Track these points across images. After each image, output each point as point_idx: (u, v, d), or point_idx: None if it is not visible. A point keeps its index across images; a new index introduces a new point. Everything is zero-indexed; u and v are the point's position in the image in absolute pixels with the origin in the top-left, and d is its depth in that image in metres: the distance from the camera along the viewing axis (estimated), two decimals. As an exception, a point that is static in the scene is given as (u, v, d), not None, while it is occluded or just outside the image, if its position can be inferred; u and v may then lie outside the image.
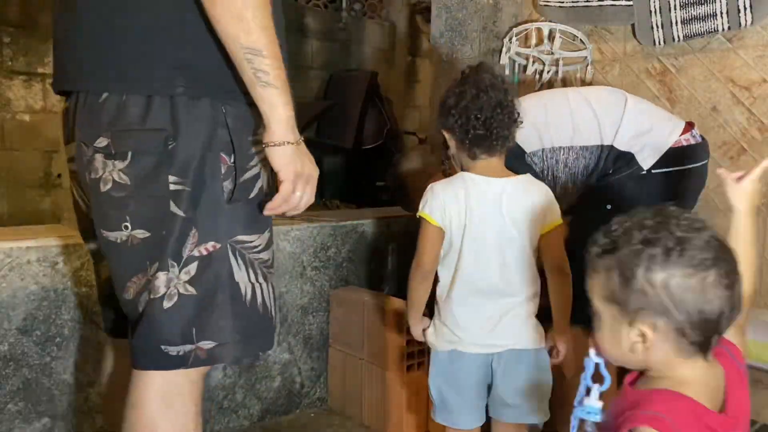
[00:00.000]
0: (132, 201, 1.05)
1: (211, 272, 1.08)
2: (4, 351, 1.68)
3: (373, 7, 5.49)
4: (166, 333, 1.07)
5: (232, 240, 1.10)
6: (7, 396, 1.69)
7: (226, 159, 1.07)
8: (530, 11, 2.75)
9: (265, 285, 1.15)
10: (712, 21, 2.18)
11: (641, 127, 1.78)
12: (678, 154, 1.78)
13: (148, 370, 1.08)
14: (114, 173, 1.04)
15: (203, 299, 1.08)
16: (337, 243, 2.29)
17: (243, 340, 1.12)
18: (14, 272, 1.68)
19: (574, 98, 1.84)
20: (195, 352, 1.08)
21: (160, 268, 1.05)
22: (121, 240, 1.07)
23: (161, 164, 1.03)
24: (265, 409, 2.16)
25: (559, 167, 1.82)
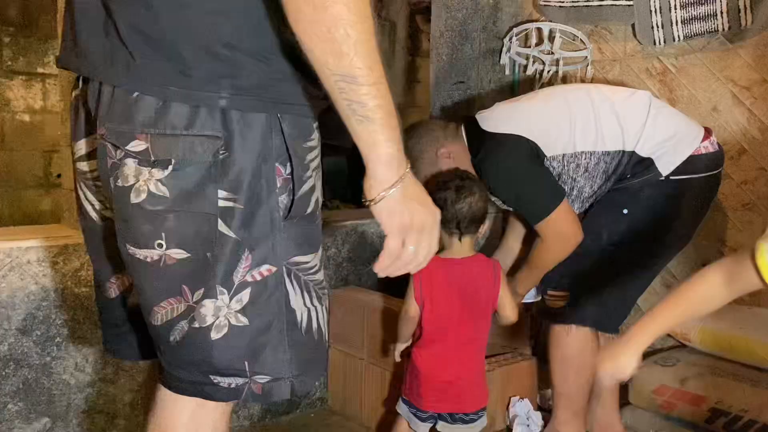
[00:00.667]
0: (171, 216, 0.91)
1: (266, 299, 0.96)
2: (4, 351, 1.68)
3: (373, 7, 5.49)
4: (215, 364, 0.97)
5: (288, 262, 0.97)
6: (7, 396, 1.69)
7: (281, 170, 0.94)
8: (530, 11, 2.74)
9: (320, 308, 1.04)
10: (712, 21, 2.18)
11: (664, 134, 1.76)
12: (697, 161, 1.77)
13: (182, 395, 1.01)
14: (150, 183, 0.90)
15: (258, 330, 0.97)
16: (337, 243, 2.29)
17: (300, 372, 1.01)
18: (14, 272, 1.68)
19: (599, 101, 1.80)
20: (249, 385, 0.98)
21: (206, 296, 0.94)
22: (152, 259, 0.93)
23: (210, 176, 0.90)
24: (265, 409, 2.16)
25: (579, 171, 1.80)
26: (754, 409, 1.78)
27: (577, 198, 1.84)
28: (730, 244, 2.23)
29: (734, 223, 2.21)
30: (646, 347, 1.08)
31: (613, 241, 1.77)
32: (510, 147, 1.79)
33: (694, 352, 2.09)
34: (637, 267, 1.81)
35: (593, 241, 1.78)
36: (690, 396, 1.88)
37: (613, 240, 1.77)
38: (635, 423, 2.01)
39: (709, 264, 1.04)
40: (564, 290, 1.81)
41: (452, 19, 2.84)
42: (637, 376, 2.01)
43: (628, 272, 1.80)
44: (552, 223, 1.75)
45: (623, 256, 1.78)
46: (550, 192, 1.77)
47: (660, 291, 2.39)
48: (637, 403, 2.02)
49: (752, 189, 2.17)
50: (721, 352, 2.01)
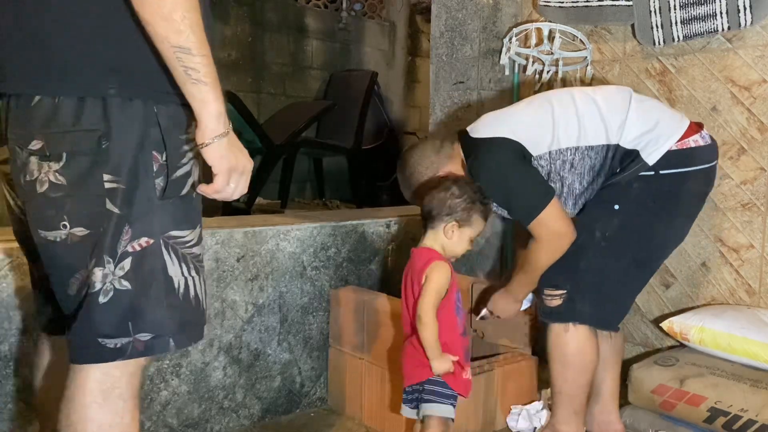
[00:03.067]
0: (69, 200, 1.09)
1: (145, 267, 1.12)
2: (5, 351, 1.68)
3: (373, 7, 5.49)
4: (103, 327, 1.11)
5: (165, 235, 1.14)
6: (8, 396, 1.69)
7: (158, 157, 1.11)
8: (530, 11, 2.75)
9: (198, 278, 1.20)
10: (711, 21, 2.18)
11: (646, 125, 1.77)
12: (687, 155, 1.77)
13: (86, 364, 1.12)
14: (50, 174, 1.07)
15: (138, 293, 1.12)
16: (337, 243, 2.29)
17: (179, 331, 1.17)
18: (15, 272, 1.68)
19: (581, 98, 1.83)
20: (132, 343, 1.12)
21: (96, 264, 1.10)
22: (60, 239, 1.10)
23: (96, 164, 1.07)
24: (265, 409, 2.16)
25: (565, 168, 1.81)
26: (753, 409, 1.78)
27: (568, 196, 1.85)
28: (729, 244, 2.23)
29: (734, 223, 2.22)
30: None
31: (606, 237, 1.78)
32: (496, 148, 1.80)
33: (693, 352, 2.09)
34: (633, 263, 1.81)
35: (587, 238, 1.78)
36: (689, 396, 1.88)
37: (606, 236, 1.78)
38: (635, 423, 2.01)
39: (709, 264, 1.05)
40: (560, 289, 1.81)
41: (452, 19, 2.84)
42: (636, 376, 2.01)
43: (624, 269, 1.80)
44: (544, 222, 1.75)
45: (618, 252, 1.79)
46: (539, 191, 1.77)
47: (659, 291, 2.39)
48: (637, 403, 2.02)
49: (752, 189, 2.18)
50: (720, 352, 2.01)
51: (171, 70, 1.05)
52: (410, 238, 2.49)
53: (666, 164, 1.76)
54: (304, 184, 5.00)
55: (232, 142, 1.12)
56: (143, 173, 1.10)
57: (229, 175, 1.13)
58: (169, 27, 1.01)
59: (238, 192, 1.17)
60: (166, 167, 1.12)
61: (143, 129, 1.10)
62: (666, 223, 1.81)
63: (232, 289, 2.04)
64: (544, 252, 1.80)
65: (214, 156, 1.09)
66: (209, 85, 1.06)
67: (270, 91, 4.84)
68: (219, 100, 1.08)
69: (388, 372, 2.05)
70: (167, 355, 1.12)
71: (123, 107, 1.08)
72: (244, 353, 2.09)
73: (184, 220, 1.17)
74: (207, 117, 1.08)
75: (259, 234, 2.10)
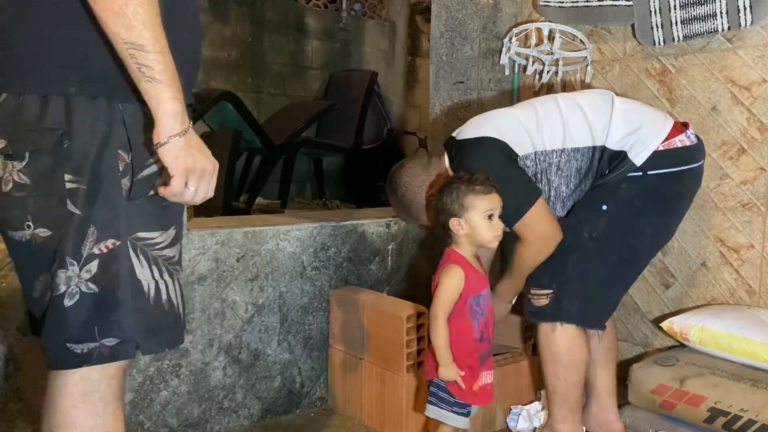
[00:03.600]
0: (32, 200, 1.07)
1: (112, 270, 1.09)
2: (5, 351, 1.68)
3: (373, 7, 5.49)
4: (69, 331, 1.09)
5: (133, 237, 1.10)
6: (8, 396, 1.69)
7: (124, 156, 1.08)
8: (530, 11, 2.75)
9: (171, 282, 1.16)
10: (711, 21, 2.18)
11: (631, 125, 1.78)
12: (673, 155, 1.78)
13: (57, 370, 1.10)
14: (14, 173, 1.06)
15: (104, 297, 1.09)
16: (337, 243, 2.29)
17: (147, 336, 1.13)
18: (14, 272, 1.68)
19: (565, 102, 1.85)
20: (99, 349, 1.09)
21: (59, 266, 1.07)
22: (25, 239, 1.09)
23: (57, 163, 1.05)
24: (265, 409, 2.16)
25: (552, 170, 1.82)
26: (753, 409, 1.78)
27: (556, 199, 1.85)
28: (729, 244, 2.23)
29: (734, 223, 2.22)
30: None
31: (593, 237, 1.78)
32: (481, 148, 1.80)
33: (693, 352, 2.09)
34: (620, 262, 1.81)
35: (574, 238, 1.78)
36: (689, 396, 1.88)
37: (593, 236, 1.78)
38: (635, 423, 2.01)
39: (709, 264, 1.04)
40: (546, 288, 1.81)
41: (452, 19, 2.84)
42: (636, 376, 2.01)
43: (610, 268, 1.81)
44: (529, 223, 1.74)
45: (605, 251, 1.79)
46: (524, 190, 1.75)
47: (659, 291, 2.39)
48: (636, 403, 2.02)
49: (752, 189, 2.18)
50: (720, 352, 2.01)
51: (127, 68, 1.02)
52: (410, 238, 2.49)
53: (653, 165, 1.76)
54: (304, 184, 5.00)
55: (190, 142, 1.07)
56: (108, 173, 1.07)
57: (186, 177, 1.07)
58: (120, 22, 0.98)
59: (200, 196, 1.11)
60: (131, 167, 1.09)
61: (108, 127, 1.07)
62: (654, 223, 1.81)
63: (232, 289, 2.04)
64: (530, 254, 1.79)
65: (168, 157, 1.05)
66: (164, 83, 1.02)
67: (270, 91, 4.84)
68: (175, 99, 1.04)
69: (388, 372, 2.05)
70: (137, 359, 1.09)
71: (86, 105, 1.05)
72: (244, 353, 2.09)
73: (154, 221, 1.13)
74: (162, 115, 1.04)
75: (259, 234, 2.10)
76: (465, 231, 1.67)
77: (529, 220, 1.74)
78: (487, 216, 1.65)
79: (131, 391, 1.87)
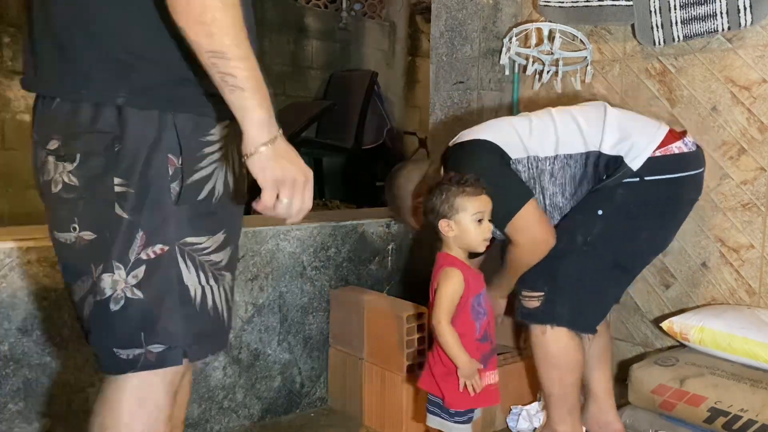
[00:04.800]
0: (80, 202, 1.06)
1: (160, 275, 1.07)
2: (5, 351, 1.68)
3: (373, 7, 5.49)
4: (115, 336, 1.08)
5: (181, 242, 1.08)
6: (8, 396, 1.69)
7: (174, 160, 1.06)
8: (530, 11, 2.75)
9: (216, 287, 1.14)
10: (711, 21, 2.18)
11: (624, 132, 1.77)
12: (671, 161, 1.77)
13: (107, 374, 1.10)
14: (64, 175, 1.06)
15: (151, 303, 1.08)
16: (337, 243, 2.29)
17: (194, 342, 1.12)
18: (14, 272, 1.68)
19: (558, 112, 1.86)
20: (144, 355, 1.08)
21: (104, 270, 1.06)
22: (70, 241, 1.08)
23: (107, 166, 1.04)
24: (265, 409, 2.16)
25: (545, 177, 1.80)
26: (753, 409, 1.78)
27: (553, 209, 1.84)
28: (729, 244, 2.23)
29: (734, 223, 2.22)
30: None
31: (588, 242, 1.77)
32: (472, 150, 1.80)
33: (693, 352, 2.09)
34: (613, 268, 1.81)
35: (568, 242, 1.77)
36: (689, 396, 1.88)
37: (588, 241, 1.77)
38: (635, 423, 2.01)
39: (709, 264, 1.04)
40: (538, 291, 1.80)
41: (452, 19, 2.84)
42: (636, 376, 2.01)
43: (604, 273, 1.80)
44: (519, 225, 1.73)
45: (599, 256, 1.78)
46: (515, 191, 1.74)
47: (659, 291, 2.39)
48: (636, 403, 2.02)
49: (752, 189, 2.17)
50: (720, 352, 2.01)
51: (210, 77, 0.99)
52: (410, 238, 2.49)
53: (651, 170, 1.75)
54: (304, 184, 5.00)
55: (279, 151, 1.02)
56: (157, 177, 1.05)
57: (276, 189, 1.02)
58: (201, 30, 0.96)
59: (295, 208, 1.05)
60: (181, 171, 1.07)
61: (158, 132, 1.05)
62: (649, 229, 1.80)
63: (232, 289, 2.04)
64: (522, 256, 1.79)
65: (255, 168, 1.01)
66: (248, 91, 0.99)
67: (270, 91, 4.84)
68: (262, 107, 1.01)
69: (388, 372, 2.05)
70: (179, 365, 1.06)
71: (137, 112, 1.05)
72: (244, 353, 2.09)
73: (202, 226, 1.11)
74: (248, 125, 1.00)
75: (259, 234, 2.10)
76: (454, 233, 1.65)
77: (520, 223, 1.72)
78: (476, 219, 1.63)
79: (131, 391, 1.87)
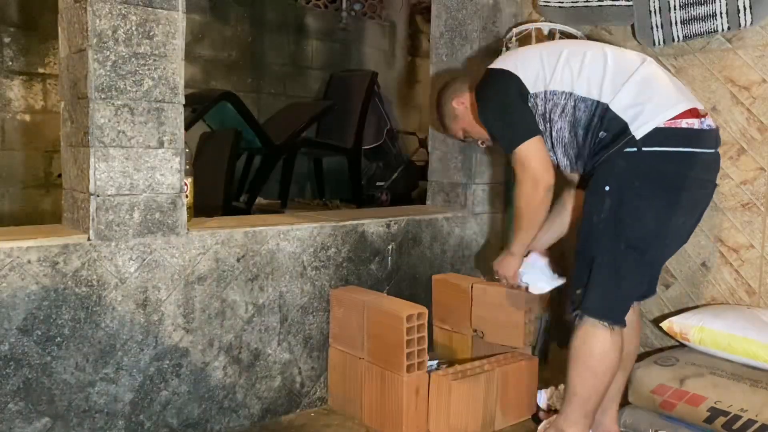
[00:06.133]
0: None
1: None
2: (5, 351, 1.68)
3: (373, 7, 5.49)
4: None
5: None
6: (8, 396, 1.69)
7: None
8: (530, 11, 2.75)
9: None
10: (711, 21, 2.18)
11: (640, 97, 1.72)
12: (672, 134, 1.70)
13: None
14: None
15: None
16: (337, 243, 2.29)
17: None
18: (14, 272, 1.68)
19: (593, 51, 1.82)
20: None
21: None
22: None
23: None
24: (265, 409, 2.16)
25: (556, 111, 1.81)
26: (753, 409, 1.78)
27: (558, 143, 1.85)
28: (729, 244, 2.23)
29: (734, 223, 2.22)
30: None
31: (601, 220, 1.74)
32: (496, 78, 1.90)
33: (693, 352, 2.09)
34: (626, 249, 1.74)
35: (586, 226, 1.78)
36: (689, 396, 1.88)
37: (601, 218, 1.74)
38: (635, 423, 2.01)
39: (709, 264, 1.04)
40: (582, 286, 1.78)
41: (452, 19, 2.84)
42: (636, 376, 2.01)
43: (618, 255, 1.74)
44: (521, 158, 1.81)
45: (611, 236, 1.73)
46: (524, 125, 1.82)
47: (659, 291, 2.39)
48: (637, 403, 2.02)
49: (752, 189, 2.18)
50: (720, 351, 2.01)
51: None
52: (410, 238, 2.49)
53: (650, 141, 1.69)
54: (304, 184, 5.00)
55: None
56: None
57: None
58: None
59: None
60: None
61: None
62: (654, 208, 1.73)
63: (232, 289, 2.04)
64: (522, 190, 1.84)
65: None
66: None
67: (270, 91, 4.84)
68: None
69: (388, 372, 2.05)
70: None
71: None
72: (244, 353, 2.09)
73: None
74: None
75: (259, 234, 2.10)
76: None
77: (521, 155, 1.80)
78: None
79: (131, 391, 1.87)
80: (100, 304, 1.80)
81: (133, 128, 1.83)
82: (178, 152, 1.91)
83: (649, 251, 1.77)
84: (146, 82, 1.84)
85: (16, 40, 3.91)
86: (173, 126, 1.90)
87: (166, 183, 1.90)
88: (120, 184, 1.82)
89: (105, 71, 1.77)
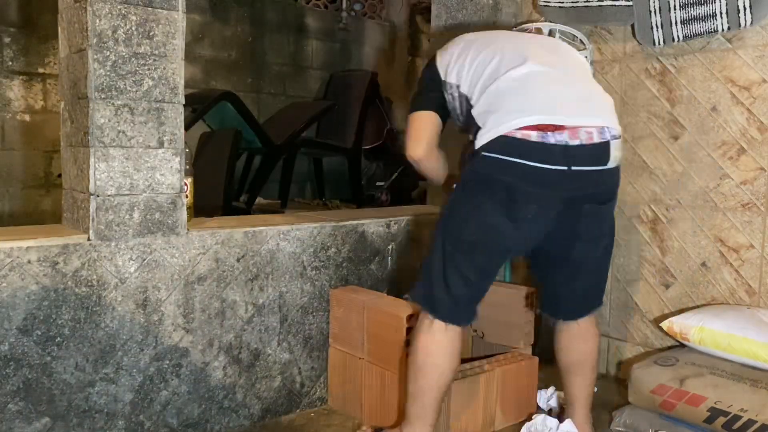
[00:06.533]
0: None
1: None
2: (5, 351, 1.68)
3: (373, 7, 5.49)
4: None
5: None
6: (8, 396, 1.69)
7: None
8: (530, 11, 2.75)
9: None
10: (711, 21, 2.18)
11: (491, 106, 1.68)
12: (500, 143, 1.63)
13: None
14: None
15: None
16: (337, 243, 2.29)
17: None
18: (14, 272, 1.68)
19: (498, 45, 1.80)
20: None
21: None
22: None
23: None
24: (265, 409, 2.16)
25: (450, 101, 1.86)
26: (753, 409, 1.78)
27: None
28: (729, 244, 2.23)
29: (734, 223, 2.22)
30: None
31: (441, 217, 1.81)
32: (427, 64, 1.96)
33: (693, 352, 2.09)
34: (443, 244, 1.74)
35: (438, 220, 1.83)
36: (689, 396, 1.88)
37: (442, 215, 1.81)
38: (635, 423, 2.01)
39: (709, 264, 1.04)
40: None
41: (452, 19, 2.84)
42: (636, 376, 2.01)
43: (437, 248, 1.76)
44: (409, 122, 1.88)
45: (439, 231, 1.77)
46: (422, 100, 1.88)
47: (659, 291, 2.39)
48: (636, 403, 2.02)
49: (752, 189, 2.18)
50: (720, 351, 2.01)
51: None
52: (410, 238, 2.49)
53: (487, 148, 1.65)
54: (304, 184, 5.00)
55: None
56: None
57: None
58: None
59: None
60: None
61: None
62: (462, 205, 1.72)
63: (232, 289, 2.04)
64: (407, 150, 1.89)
65: None
66: None
67: (270, 91, 4.84)
68: None
69: (388, 372, 2.05)
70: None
71: None
72: (244, 353, 2.09)
73: None
74: None
75: (259, 234, 2.10)
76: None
77: (409, 121, 1.88)
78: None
79: (131, 391, 1.87)
80: (100, 304, 1.80)
81: (133, 128, 1.83)
82: (178, 152, 1.91)
83: (455, 252, 1.73)
84: (146, 82, 1.84)
85: (16, 40, 3.91)
86: (173, 126, 1.90)
87: (166, 183, 1.90)
88: (120, 184, 1.82)
89: (105, 71, 1.77)
